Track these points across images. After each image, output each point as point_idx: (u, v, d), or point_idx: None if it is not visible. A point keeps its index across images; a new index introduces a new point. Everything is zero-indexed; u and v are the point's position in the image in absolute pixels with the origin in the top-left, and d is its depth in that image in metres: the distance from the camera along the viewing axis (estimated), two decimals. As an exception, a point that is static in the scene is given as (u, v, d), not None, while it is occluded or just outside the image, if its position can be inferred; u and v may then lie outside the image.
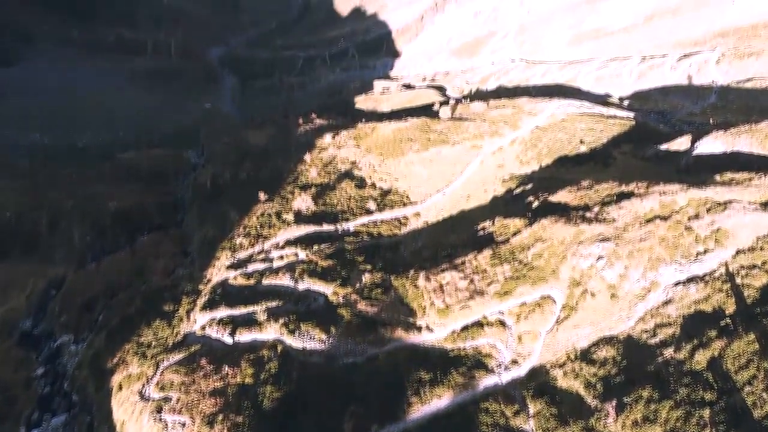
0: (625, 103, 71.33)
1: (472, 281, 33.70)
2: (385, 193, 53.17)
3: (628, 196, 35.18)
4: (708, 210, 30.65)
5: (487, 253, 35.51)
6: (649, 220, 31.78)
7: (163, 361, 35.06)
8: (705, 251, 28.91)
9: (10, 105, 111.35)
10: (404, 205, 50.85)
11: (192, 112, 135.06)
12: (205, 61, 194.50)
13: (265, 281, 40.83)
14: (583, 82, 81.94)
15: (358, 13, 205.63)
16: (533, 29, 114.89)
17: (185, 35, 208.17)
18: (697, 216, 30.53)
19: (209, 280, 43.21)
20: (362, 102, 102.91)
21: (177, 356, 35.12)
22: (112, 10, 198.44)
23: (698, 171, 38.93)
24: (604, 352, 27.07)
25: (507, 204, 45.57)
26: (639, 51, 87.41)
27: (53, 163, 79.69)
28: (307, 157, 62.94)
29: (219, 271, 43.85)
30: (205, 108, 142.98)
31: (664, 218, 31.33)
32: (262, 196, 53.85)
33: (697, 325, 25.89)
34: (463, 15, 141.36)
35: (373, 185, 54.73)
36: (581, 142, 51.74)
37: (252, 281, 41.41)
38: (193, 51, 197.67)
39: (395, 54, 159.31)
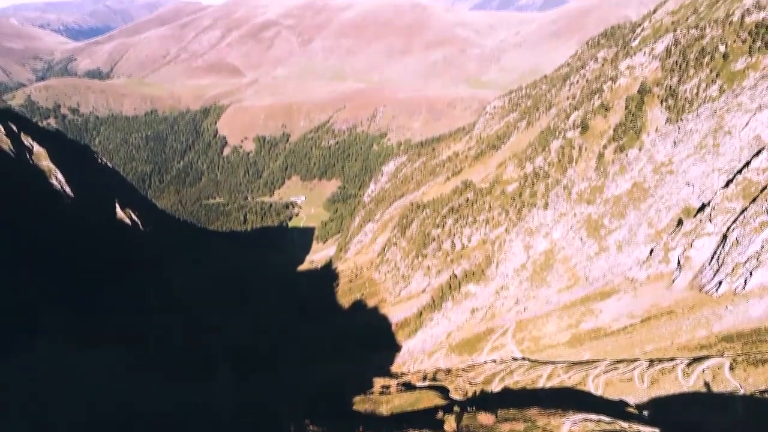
0: (645, 412, 65.83)
1: None
2: None
3: None
4: None
5: None
6: None
7: None
8: None
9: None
10: None
11: (179, 405, 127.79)
12: (205, 350, 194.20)
13: None
14: (593, 386, 77.59)
15: (358, 306, 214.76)
16: (531, 327, 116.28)
17: (189, 322, 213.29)
18: None
19: None
20: (360, 402, 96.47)
21: None
22: (122, 299, 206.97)
23: None
24: None
25: None
26: (643, 353, 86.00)
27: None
28: (294, 480, 54.37)
29: None
30: (192, 401, 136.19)
31: None
32: None
33: None
34: (460, 312, 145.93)
35: None
36: (611, 470, 44.80)
37: None
38: (195, 339, 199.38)
39: (395, 348, 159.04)
